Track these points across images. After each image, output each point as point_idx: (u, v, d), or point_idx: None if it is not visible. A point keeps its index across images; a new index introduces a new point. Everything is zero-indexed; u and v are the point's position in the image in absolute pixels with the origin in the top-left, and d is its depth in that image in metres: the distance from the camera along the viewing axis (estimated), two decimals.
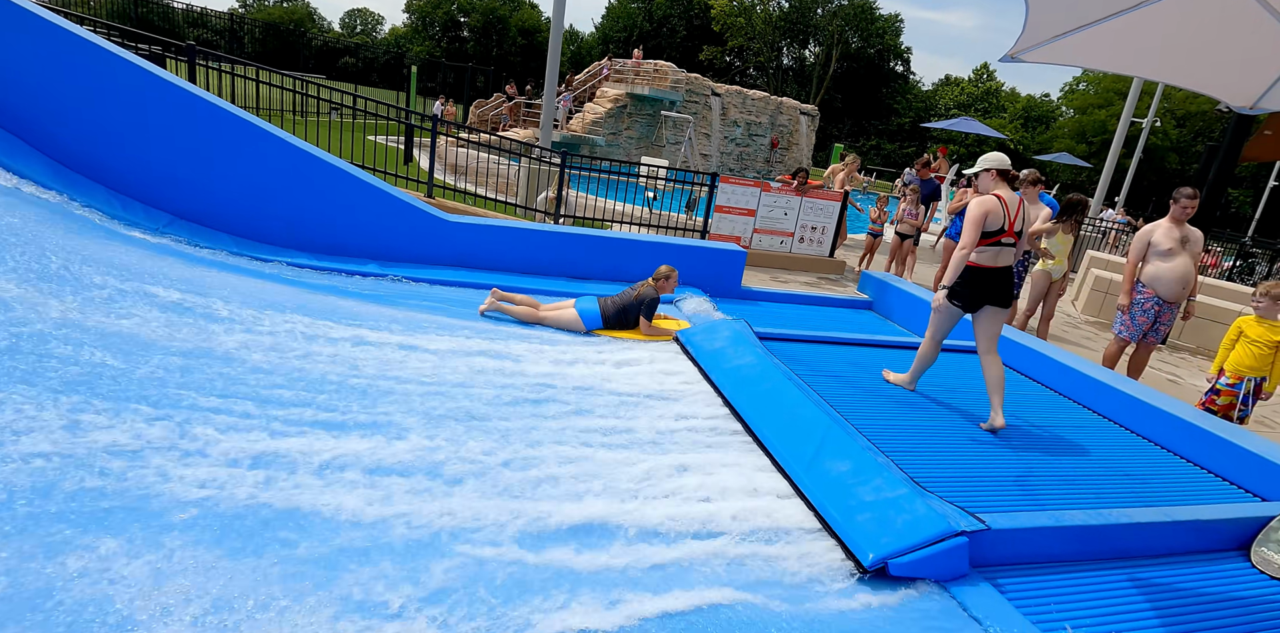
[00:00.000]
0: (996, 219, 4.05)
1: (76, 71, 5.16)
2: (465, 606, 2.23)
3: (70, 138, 5.26)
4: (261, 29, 37.87)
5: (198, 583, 2.07)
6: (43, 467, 2.37)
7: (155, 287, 3.94)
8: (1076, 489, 3.71)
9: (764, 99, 24.46)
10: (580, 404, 3.92)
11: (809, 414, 3.80)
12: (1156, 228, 5.58)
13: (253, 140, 5.60)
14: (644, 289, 5.23)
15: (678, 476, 3.31)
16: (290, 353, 3.74)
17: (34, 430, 2.51)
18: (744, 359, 4.59)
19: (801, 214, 8.91)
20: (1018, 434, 4.31)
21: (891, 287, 7.12)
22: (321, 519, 2.52)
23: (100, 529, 2.19)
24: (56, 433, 2.55)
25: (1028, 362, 5.55)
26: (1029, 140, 46.70)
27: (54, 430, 2.55)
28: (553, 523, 2.79)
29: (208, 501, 2.47)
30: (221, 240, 5.56)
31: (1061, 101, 51.65)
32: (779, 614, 2.48)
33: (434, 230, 6.16)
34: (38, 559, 2.00)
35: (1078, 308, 9.74)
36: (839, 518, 3.05)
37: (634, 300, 5.18)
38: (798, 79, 49.53)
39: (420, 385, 3.75)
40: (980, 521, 2.98)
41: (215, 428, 2.89)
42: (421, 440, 3.17)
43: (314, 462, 2.85)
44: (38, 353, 2.94)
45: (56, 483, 2.33)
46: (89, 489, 2.35)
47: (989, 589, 2.84)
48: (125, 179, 5.43)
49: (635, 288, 5.27)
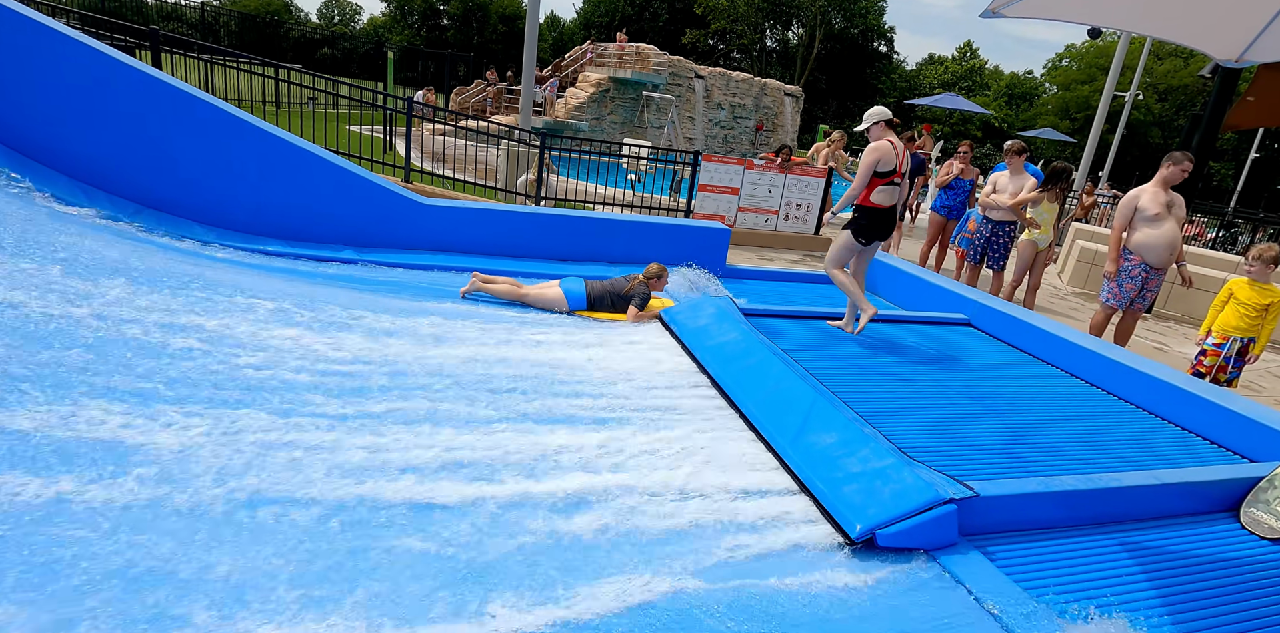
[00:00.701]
0: (890, 161, 4.55)
1: (29, 55, 4.97)
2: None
3: (26, 124, 5.08)
4: (237, 21, 37.13)
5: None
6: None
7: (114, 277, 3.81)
8: (1065, 456, 3.67)
9: (748, 81, 24.25)
10: (560, 382, 3.84)
11: (794, 387, 3.74)
12: (1142, 193, 5.52)
13: (220, 124, 5.43)
14: (636, 284, 5.18)
15: (660, 451, 3.24)
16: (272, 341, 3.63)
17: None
18: (728, 335, 4.51)
19: (786, 191, 8.82)
20: (1005, 403, 4.27)
21: (877, 262, 7.05)
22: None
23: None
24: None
25: (1014, 331, 5.51)
26: (1013, 118, 46.71)
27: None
28: (530, 499, 2.72)
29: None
30: (191, 228, 5.41)
31: (1044, 78, 51.64)
32: (764, 588, 2.43)
33: (411, 215, 6.03)
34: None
35: (1064, 280, 9.73)
36: (825, 490, 3.00)
37: (626, 292, 5.14)
38: (781, 61, 49.19)
39: (404, 372, 3.66)
40: (969, 488, 2.93)
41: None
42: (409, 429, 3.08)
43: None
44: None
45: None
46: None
47: (979, 557, 2.79)
48: (88, 166, 5.26)
49: (629, 280, 5.21)
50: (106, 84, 5.13)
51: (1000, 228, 6.87)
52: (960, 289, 6.21)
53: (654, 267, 5.32)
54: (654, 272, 5.28)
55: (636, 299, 5.11)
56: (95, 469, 2.33)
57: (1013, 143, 6.88)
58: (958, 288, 6.24)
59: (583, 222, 6.54)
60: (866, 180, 4.58)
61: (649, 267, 5.32)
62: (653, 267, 5.31)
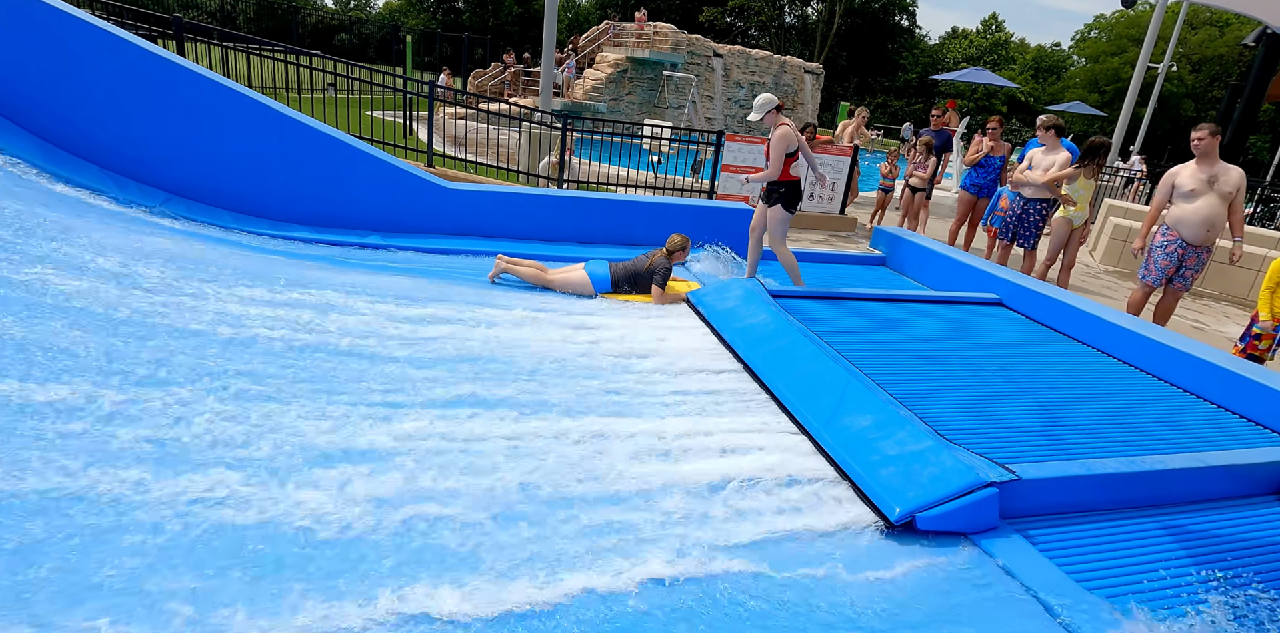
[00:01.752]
0: (794, 142, 5.04)
1: (58, 47, 4.99)
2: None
3: (58, 117, 5.13)
4: (255, 8, 37.14)
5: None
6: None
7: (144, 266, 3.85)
8: (1106, 437, 3.60)
9: (767, 59, 23.82)
10: (590, 367, 3.82)
11: (827, 370, 3.69)
12: (1183, 169, 5.35)
13: (244, 111, 5.44)
14: (657, 258, 5.11)
15: (693, 436, 3.22)
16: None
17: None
18: (757, 317, 4.46)
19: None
20: (1041, 384, 4.18)
21: (905, 241, 6.93)
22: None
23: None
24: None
25: (1048, 311, 5.39)
26: (1040, 91, 45.48)
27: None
28: (566, 483, 2.72)
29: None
30: (219, 216, 5.45)
31: (1073, 50, 50.13)
32: (802, 573, 2.41)
33: (435, 199, 6.02)
34: None
35: (1096, 258, 9.50)
36: (862, 473, 2.96)
37: (646, 269, 5.08)
38: (801, 38, 48.20)
39: (435, 358, 3.66)
40: (1010, 471, 2.88)
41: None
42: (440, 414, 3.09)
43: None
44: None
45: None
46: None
47: (1020, 541, 2.75)
48: (117, 157, 5.30)
49: (649, 256, 5.16)
50: (135, 74, 5.15)
51: (1032, 205, 6.70)
52: (991, 268, 6.09)
53: (676, 238, 5.23)
54: (676, 243, 5.20)
55: (658, 276, 5.04)
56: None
57: (1045, 117, 6.68)
58: (989, 267, 6.12)
59: (605, 204, 6.49)
60: (781, 161, 5.02)
61: (671, 238, 5.24)
62: (675, 238, 5.23)
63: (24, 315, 2.97)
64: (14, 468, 2.19)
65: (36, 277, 3.28)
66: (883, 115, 44.85)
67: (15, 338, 2.81)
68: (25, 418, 2.42)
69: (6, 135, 4.89)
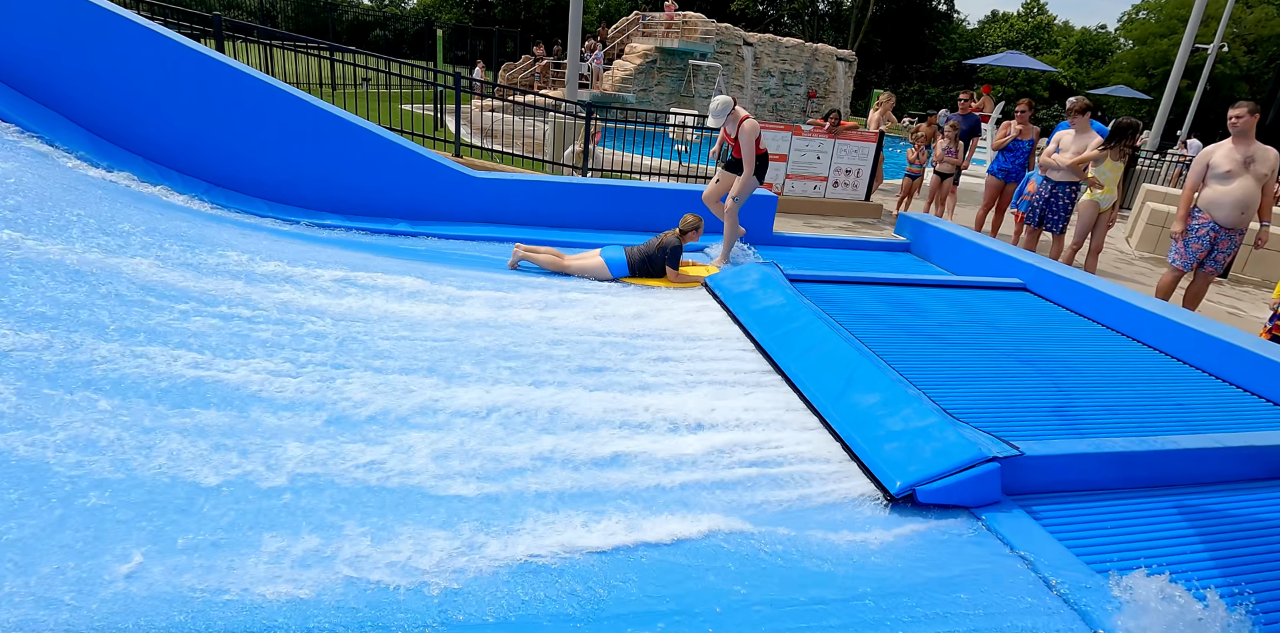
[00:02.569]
0: (757, 129, 5.36)
1: (108, 46, 5.25)
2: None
3: (106, 111, 5.39)
4: (294, 6, 37.94)
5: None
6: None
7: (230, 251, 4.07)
8: (1120, 418, 3.59)
9: (798, 46, 23.58)
10: (608, 348, 3.93)
11: (837, 349, 3.74)
12: (1217, 149, 5.24)
13: (281, 105, 5.65)
14: (667, 238, 5.17)
15: (704, 412, 3.31)
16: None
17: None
18: (772, 300, 4.52)
19: (835, 157, 8.63)
20: (1058, 366, 4.17)
21: (929, 227, 6.89)
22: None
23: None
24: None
25: (1072, 295, 5.34)
26: (1083, 75, 44.10)
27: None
28: (582, 456, 2.84)
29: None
30: (256, 205, 5.67)
31: (1119, 33, 48.42)
32: (804, 542, 2.49)
33: (462, 187, 6.18)
34: None
35: (1132, 244, 9.29)
36: (866, 448, 3.02)
37: (657, 249, 5.14)
38: (834, 24, 47.44)
39: (462, 337, 3.82)
40: (1013, 447, 2.91)
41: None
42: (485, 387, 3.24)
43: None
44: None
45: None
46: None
47: (1022, 515, 2.79)
48: (160, 148, 5.56)
49: (659, 237, 5.22)
50: (179, 70, 5.39)
51: (1060, 189, 6.60)
52: (1016, 253, 6.03)
53: (689, 217, 5.22)
54: (689, 223, 5.19)
55: (669, 256, 5.09)
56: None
57: (1075, 100, 6.56)
58: (1013, 252, 6.06)
59: (627, 191, 6.58)
60: (754, 153, 5.32)
61: (684, 218, 5.25)
62: (688, 217, 5.22)
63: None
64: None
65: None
66: (919, 102, 43.98)
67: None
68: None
69: (62, 129, 5.17)
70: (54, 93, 5.28)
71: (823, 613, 2.14)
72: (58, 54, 5.21)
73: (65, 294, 3.13)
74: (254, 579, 1.95)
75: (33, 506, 2.07)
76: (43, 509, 2.06)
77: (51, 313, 2.98)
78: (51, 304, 3.03)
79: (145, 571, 1.92)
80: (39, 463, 2.23)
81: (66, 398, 2.55)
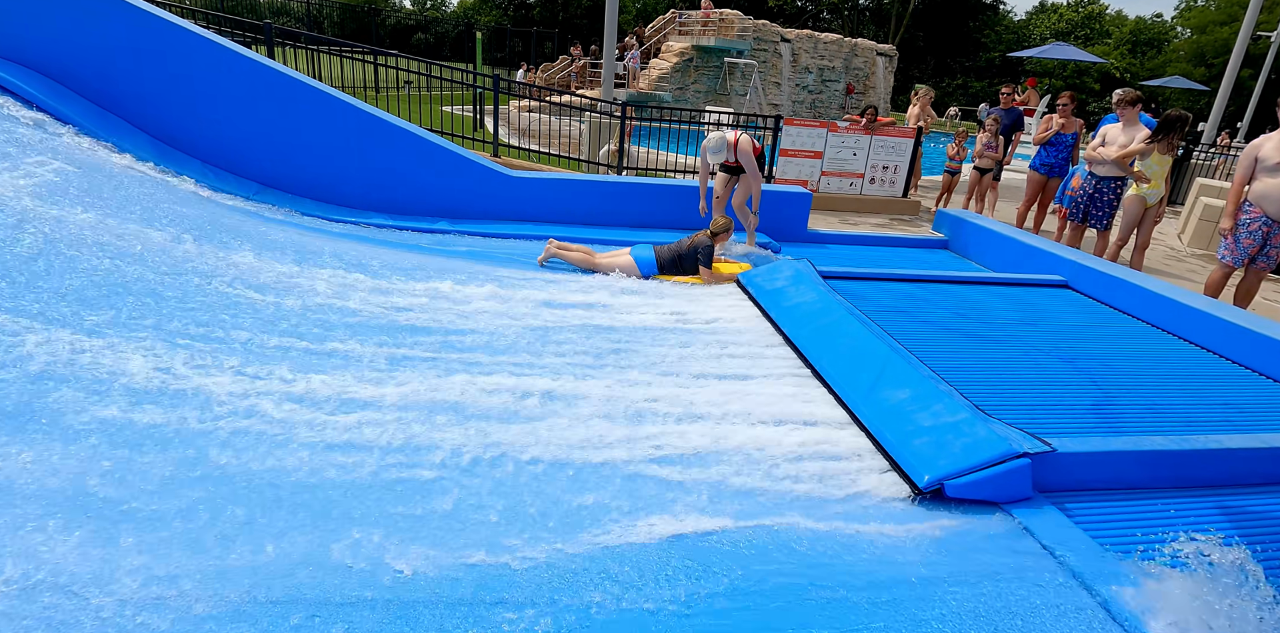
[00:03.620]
0: (756, 146, 5.71)
1: (168, 55, 5.51)
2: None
3: (167, 117, 5.66)
4: (339, 12, 38.92)
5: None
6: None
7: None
8: (1163, 418, 3.52)
9: (837, 42, 23.27)
10: (640, 342, 4.00)
11: (869, 345, 3.74)
12: (1267, 141, 5.06)
13: (327, 109, 5.86)
14: (699, 238, 5.23)
15: (733, 406, 3.35)
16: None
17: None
18: (805, 297, 4.53)
19: (872, 153, 8.55)
20: (1098, 365, 4.09)
21: (968, 223, 6.79)
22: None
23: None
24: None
25: (1115, 292, 5.22)
26: (1137, 66, 42.51)
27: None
28: (608, 449, 2.91)
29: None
30: (304, 204, 5.89)
31: (1176, 21, 46.55)
32: (830, 535, 2.51)
33: (500, 186, 6.32)
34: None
35: (1183, 240, 8.99)
36: (894, 442, 3.03)
37: (688, 249, 5.20)
38: (875, 19, 46.62)
39: (505, 330, 3.94)
40: (1046, 443, 2.89)
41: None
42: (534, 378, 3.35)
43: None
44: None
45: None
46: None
47: (1054, 512, 2.76)
48: (216, 151, 5.81)
49: (691, 238, 5.27)
50: (233, 76, 5.63)
51: (1105, 184, 6.44)
52: (1057, 249, 5.91)
53: (720, 219, 5.31)
54: (720, 225, 5.27)
55: (702, 255, 5.14)
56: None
57: (1124, 92, 6.38)
58: (1054, 248, 5.94)
59: (662, 189, 6.64)
60: (757, 168, 5.70)
61: (715, 219, 5.33)
62: (719, 219, 5.31)
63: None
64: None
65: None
66: (962, 97, 42.98)
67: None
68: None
69: (128, 135, 5.45)
70: (117, 100, 5.56)
71: (846, 604, 2.17)
72: (128, 65, 5.48)
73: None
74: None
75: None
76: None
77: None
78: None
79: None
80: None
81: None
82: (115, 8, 5.33)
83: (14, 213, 3.51)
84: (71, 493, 2.15)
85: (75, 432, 2.42)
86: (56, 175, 4.11)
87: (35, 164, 4.14)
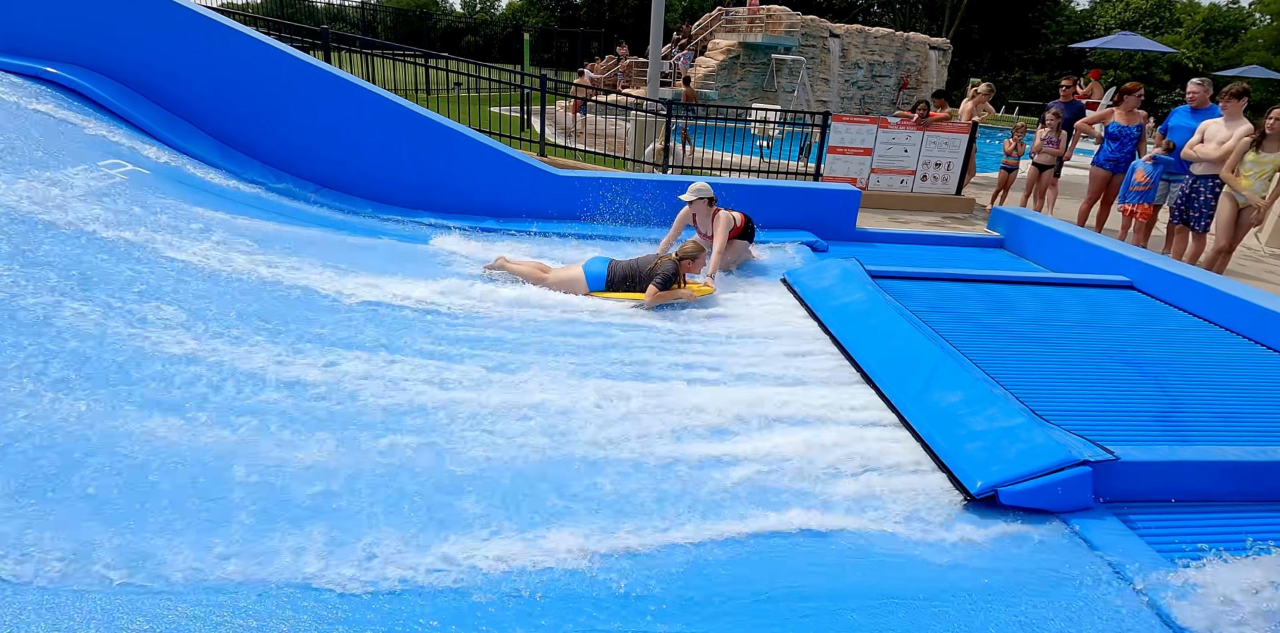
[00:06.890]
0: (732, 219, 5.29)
1: (231, 61, 5.71)
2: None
3: (229, 120, 5.88)
4: (392, 16, 39.88)
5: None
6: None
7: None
8: (1236, 427, 3.34)
9: (888, 36, 22.75)
10: (684, 341, 3.99)
11: (919, 346, 3.65)
12: None
13: (380, 111, 5.99)
14: (662, 263, 4.62)
15: (779, 407, 3.31)
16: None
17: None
18: (853, 296, 4.45)
19: (924, 150, 8.33)
20: (1166, 370, 3.90)
21: (1025, 221, 6.56)
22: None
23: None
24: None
25: (1186, 294, 4.97)
26: (1211, 56, 40.42)
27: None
28: (660, 450, 2.90)
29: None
30: (360, 205, 6.04)
31: (1254, 8, 44.09)
32: (878, 541, 2.46)
33: (545, 185, 6.37)
34: None
35: (1261, 240, 8.51)
36: (945, 447, 2.94)
37: (649, 271, 4.64)
38: (928, 12, 45.41)
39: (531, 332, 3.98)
40: (1108, 451, 2.77)
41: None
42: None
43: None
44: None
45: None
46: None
47: (1116, 523, 2.65)
48: (276, 154, 6.01)
49: (657, 259, 4.72)
50: (292, 81, 5.81)
51: (1201, 183, 6.07)
52: (1121, 248, 5.67)
53: (689, 245, 4.74)
54: (688, 251, 4.68)
55: (659, 278, 4.52)
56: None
57: (1232, 85, 6.00)
58: (1118, 247, 5.70)
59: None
60: (726, 239, 5.18)
61: (683, 245, 4.78)
62: (687, 245, 4.75)
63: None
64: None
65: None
66: (1020, 91, 41.57)
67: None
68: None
69: (193, 138, 5.68)
70: (183, 104, 5.80)
71: (891, 607, 2.12)
72: (188, 69, 5.71)
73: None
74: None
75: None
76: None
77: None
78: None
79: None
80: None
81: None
82: (196, 23, 5.56)
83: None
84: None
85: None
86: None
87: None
